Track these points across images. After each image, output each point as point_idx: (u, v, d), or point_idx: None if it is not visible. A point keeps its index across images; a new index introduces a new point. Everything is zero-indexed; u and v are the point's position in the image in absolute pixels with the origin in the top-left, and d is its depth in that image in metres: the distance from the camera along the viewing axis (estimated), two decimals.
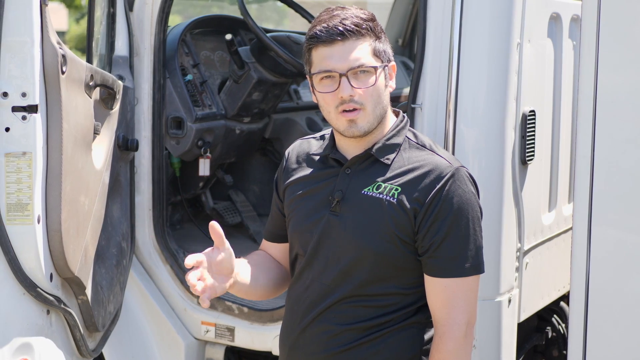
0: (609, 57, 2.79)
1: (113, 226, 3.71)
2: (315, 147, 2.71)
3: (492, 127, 3.45)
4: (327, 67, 2.50)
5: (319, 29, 2.50)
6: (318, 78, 2.53)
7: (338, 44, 2.48)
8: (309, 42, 2.53)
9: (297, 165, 2.71)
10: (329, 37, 2.48)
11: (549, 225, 3.94)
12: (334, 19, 2.50)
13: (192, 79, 4.51)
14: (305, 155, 2.71)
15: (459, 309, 2.52)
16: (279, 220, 2.78)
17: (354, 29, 2.48)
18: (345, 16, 2.50)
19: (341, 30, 2.48)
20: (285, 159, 2.77)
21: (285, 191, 2.72)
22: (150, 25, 4.07)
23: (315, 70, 2.52)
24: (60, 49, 3.00)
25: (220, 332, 4.18)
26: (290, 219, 2.68)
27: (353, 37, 2.49)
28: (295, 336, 2.65)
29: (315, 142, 2.73)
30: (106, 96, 3.51)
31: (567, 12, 3.94)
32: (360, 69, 2.49)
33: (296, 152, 2.75)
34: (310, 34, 2.53)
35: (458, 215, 2.51)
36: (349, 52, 2.48)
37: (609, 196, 2.82)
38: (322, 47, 2.50)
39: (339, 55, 2.48)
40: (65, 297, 3.26)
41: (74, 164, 3.15)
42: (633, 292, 2.81)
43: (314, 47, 2.52)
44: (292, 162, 2.73)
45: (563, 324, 4.33)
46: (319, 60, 2.52)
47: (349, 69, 2.48)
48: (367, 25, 2.51)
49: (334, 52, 2.49)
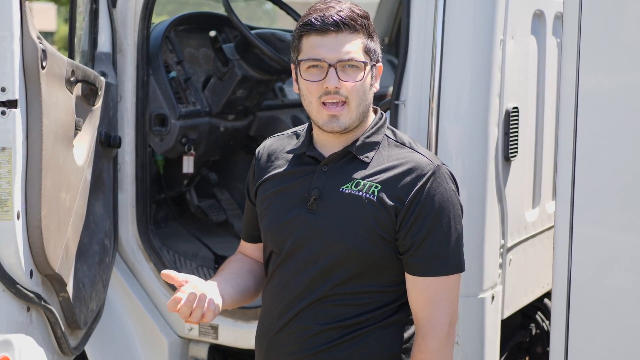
0: (591, 54, 2.79)
1: (95, 223, 3.69)
2: (288, 144, 2.67)
3: (475, 124, 3.44)
4: (317, 56, 2.47)
5: (314, 17, 2.47)
6: (306, 66, 2.50)
7: (331, 34, 2.46)
8: (302, 29, 2.50)
9: (270, 163, 2.66)
10: (323, 27, 2.46)
11: (533, 222, 3.94)
12: (330, 9, 2.48)
13: (176, 76, 4.50)
14: (279, 152, 2.67)
15: (441, 308, 2.50)
16: (253, 221, 2.74)
17: (349, 22, 2.47)
18: (342, 8, 2.48)
19: (336, 21, 2.46)
20: (256, 157, 2.71)
21: (258, 189, 2.67)
22: (133, 21, 4.06)
23: (304, 58, 2.50)
24: (40, 43, 2.98)
25: (204, 330, 4.17)
26: (263, 216, 2.63)
27: (347, 30, 2.47)
28: (273, 336, 2.61)
29: (288, 139, 2.69)
30: (88, 92, 3.49)
31: (551, 9, 3.94)
32: (350, 63, 2.47)
33: (268, 150, 2.70)
34: (304, 21, 2.50)
35: (439, 214, 2.49)
36: (341, 44, 2.47)
37: (591, 193, 2.82)
38: (315, 36, 2.48)
39: (330, 46, 2.47)
40: (46, 294, 3.24)
41: (54, 159, 3.12)
42: (615, 289, 2.81)
43: (305, 34, 2.50)
44: (264, 160, 2.68)
45: (547, 321, 4.33)
46: (309, 47, 2.49)
47: (338, 60, 2.46)
48: (362, 22, 2.50)
49: (325, 42, 2.47)
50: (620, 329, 2.80)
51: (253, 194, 2.70)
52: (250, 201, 2.74)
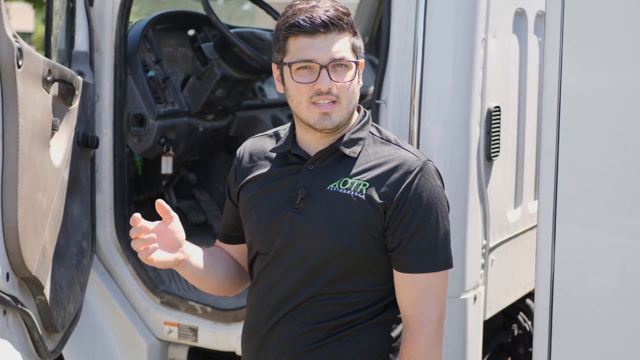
0: (574, 53, 2.78)
1: (73, 225, 3.65)
2: (270, 144, 2.65)
3: (457, 123, 3.43)
4: (308, 57, 2.46)
5: (302, 18, 2.45)
6: (295, 67, 2.48)
7: (320, 35, 2.45)
8: (288, 30, 2.48)
9: (253, 164, 2.64)
10: (313, 28, 2.44)
11: (515, 222, 3.93)
12: (316, 9, 2.46)
13: (155, 75, 4.46)
14: (261, 152, 2.65)
15: (430, 304, 2.50)
16: (232, 222, 2.73)
17: (337, 22, 2.46)
18: (327, 8, 2.47)
19: (325, 22, 2.44)
20: (237, 159, 2.70)
21: (240, 191, 2.65)
22: (111, 20, 4.02)
23: (293, 60, 2.48)
24: (16, 42, 2.94)
25: (183, 333, 4.13)
26: (247, 217, 2.62)
27: (335, 30, 2.46)
28: (262, 336, 2.61)
29: (270, 139, 2.67)
30: (65, 92, 3.45)
31: (532, 8, 3.94)
32: (340, 63, 2.47)
33: (249, 151, 2.68)
34: (291, 23, 2.47)
35: (427, 210, 2.49)
36: (331, 44, 2.46)
37: (574, 192, 2.81)
38: (303, 37, 2.46)
39: (321, 47, 2.45)
40: (23, 297, 3.20)
41: (31, 160, 3.08)
42: (598, 289, 2.80)
43: (292, 36, 2.47)
44: (246, 161, 2.67)
45: (529, 321, 4.32)
46: (297, 49, 2.47)
47: (330, 60, 2.45)
48: (348, 20, 2.50)
49: (315, 43, 2.45)
50: (603, 329, 2.79)
51: (235, 195, 2.68)
52: (232, 202, 2.72)
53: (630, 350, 2.76)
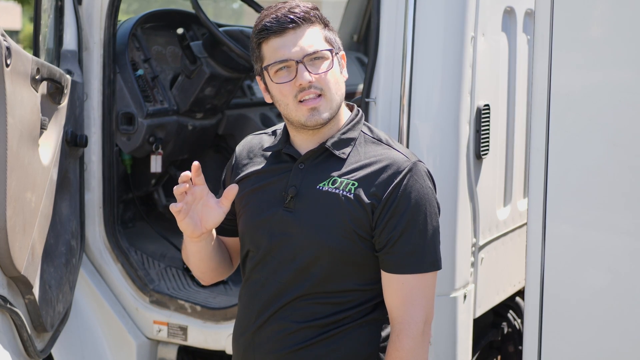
0: (563, 51, 2.79)
1: (62, 224, 3.64)
2: (267, 142, 2.67)
3: (446, 122, 3.43)
4: (282, 57, 2.47)
5: (268, 21, 2.48)
6: (273, 70, 2.49)
7: (290, 32, 2.47)
8: (259, 36, 2.50)
9: (249, 161, 2.66)
10: (280, 27, 2.46)
11: (504, 220, 3.94)
12: (281, 10, 2.49)
13: (143, 74, 4.44)
14: (257, 150, 2.67)
15: (416, 306, 2.50)
16: (227, 215, 2.73)
17: (304, 16, 2.48)
18: (292, 5, 2.50)
19: (292, 19, 2.46)
20: (234, 155, 2.72)
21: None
22: (99, 19, 4.01)
23: (270, 62, 2.49)
24: (4, 41, 2.93)
25: (172, 332, 4.12)
26: (241, 215, 2.63)
27: (304, 24, 2.48)
28: (251, 335, 2.61)
29: (267, 138, 2.69)
30: (54, 91, 3.44)
31: (521, 6, 3.94)
32: (315, 55, 2.48)
33: (247, 148, 2.70)
34: (259, 28, 2.50)
35: (416, 211, 2.49)
36: (302, 39, 2.47)
37: (564, 190, 2.82)
38: (274, 38, 2.48)
39: (292, 43, 2.46)
40: (12, 297, 3.19)
41: (19, 159, 3.07)
42: (588, 287, 2.80)
43: (264, 40, 2.50)
44: (242, 158, 2.69)
45: (519, 319, 4.33)
46: (271, 52, 2.49)
47: (304, 55, 2.46)
48: (315, 13, 2.51)
49: (286, 41, 2.47)
50: (593, 327, 2.80)
51: None
52: None
53: (620, 348, 2.77)
